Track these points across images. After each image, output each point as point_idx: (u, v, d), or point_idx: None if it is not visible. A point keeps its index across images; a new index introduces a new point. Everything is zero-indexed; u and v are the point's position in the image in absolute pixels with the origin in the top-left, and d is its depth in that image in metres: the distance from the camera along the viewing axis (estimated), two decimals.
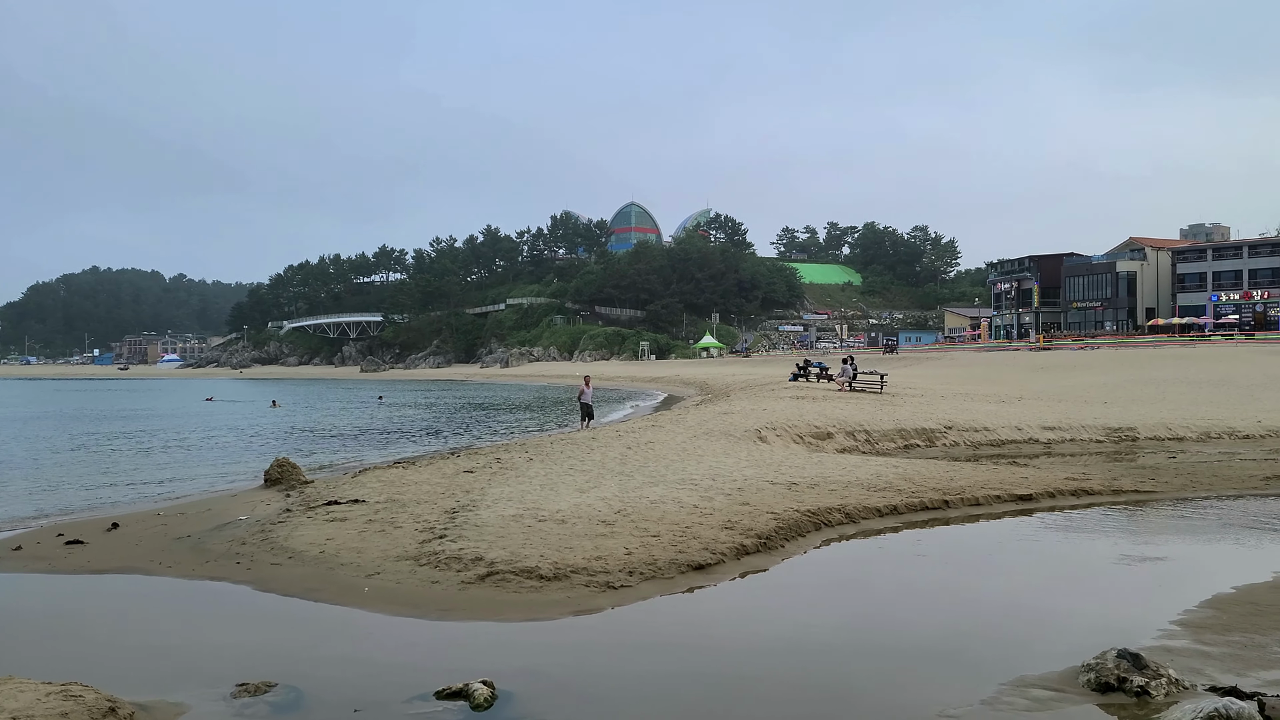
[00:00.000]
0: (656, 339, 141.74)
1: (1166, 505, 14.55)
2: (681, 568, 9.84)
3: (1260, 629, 7.68)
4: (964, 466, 17.88)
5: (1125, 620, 8.26)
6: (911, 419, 24.44)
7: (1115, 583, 10.19)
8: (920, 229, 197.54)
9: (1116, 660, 6.33)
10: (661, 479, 14.78)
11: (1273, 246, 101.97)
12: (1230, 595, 8.84)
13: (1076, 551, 11.86)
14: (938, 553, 11.74)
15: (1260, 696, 5.78)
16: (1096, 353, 73.64)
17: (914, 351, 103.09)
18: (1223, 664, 6.81)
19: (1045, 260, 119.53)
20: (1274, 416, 25.74)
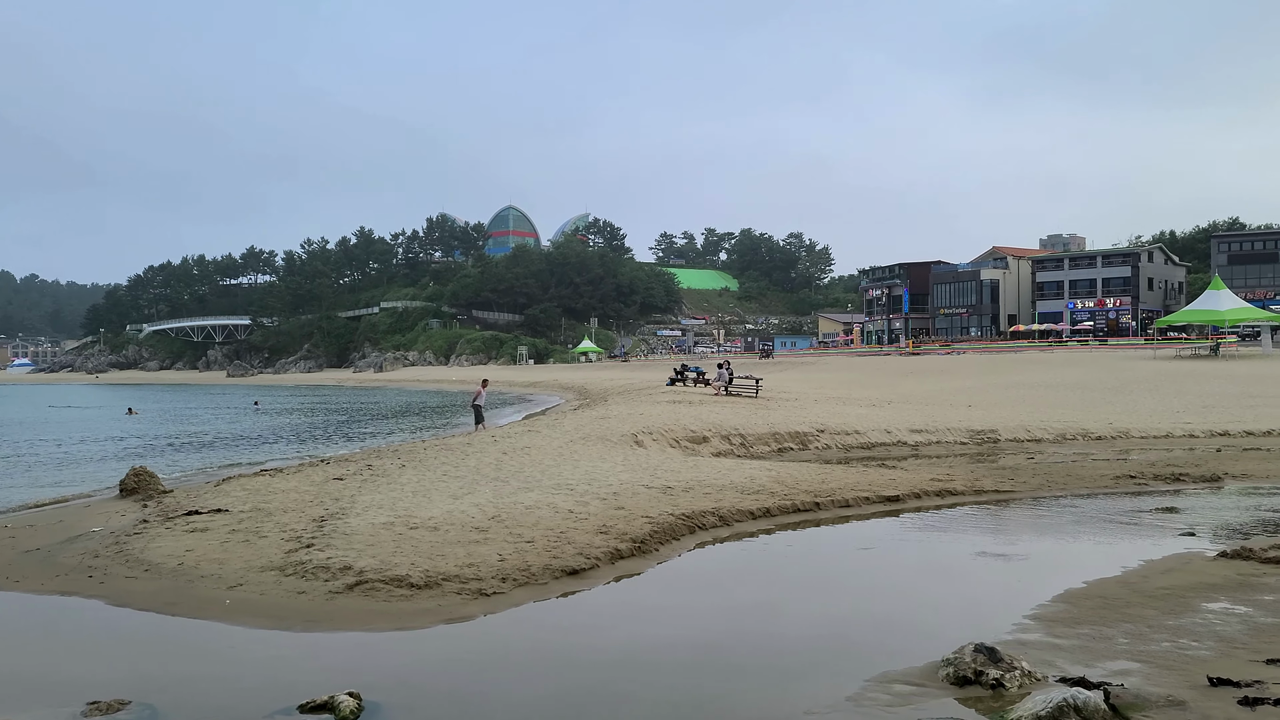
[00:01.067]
0: (535, 343, 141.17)
1: (1025, 504, 15.16)
2: (555, 573, 9.79)
3: (1107, 622, 8.05)
4: (835, 469, 18.30)
5: (984, 615, 8.56)
6: (785, 422, 24.90)
7: (976, 579, 10.57)
8: (795, 236, 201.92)
9: (974, 654, 6.55)
10: (537, 484, 14.70)
11: (1123, 256, 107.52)
12: (1081, 590, 9.24)
13: (940, 550, 12.26)
14: (809, 554, 12.00)
15: (1106, 686, 6.05)
16: (962, 358, 76.41)
17: (789, 356, 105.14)
18: (1073, 655, 7.11)
19: (914, 268, 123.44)
20: (1124, 419, 27.11)
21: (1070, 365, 55.15)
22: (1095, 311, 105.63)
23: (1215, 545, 11.44)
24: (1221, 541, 11.76)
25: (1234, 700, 5.89)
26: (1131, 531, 12.97)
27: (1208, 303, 67.98)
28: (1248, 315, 68.52)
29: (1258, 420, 26.45)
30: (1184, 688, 6.20)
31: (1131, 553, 11.13)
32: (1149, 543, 11.90)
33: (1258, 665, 6.65)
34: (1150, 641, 7.43)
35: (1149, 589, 9.16)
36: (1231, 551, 10.69)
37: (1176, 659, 6.92)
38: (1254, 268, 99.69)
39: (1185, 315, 71.73)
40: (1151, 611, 8.33)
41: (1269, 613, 8.22)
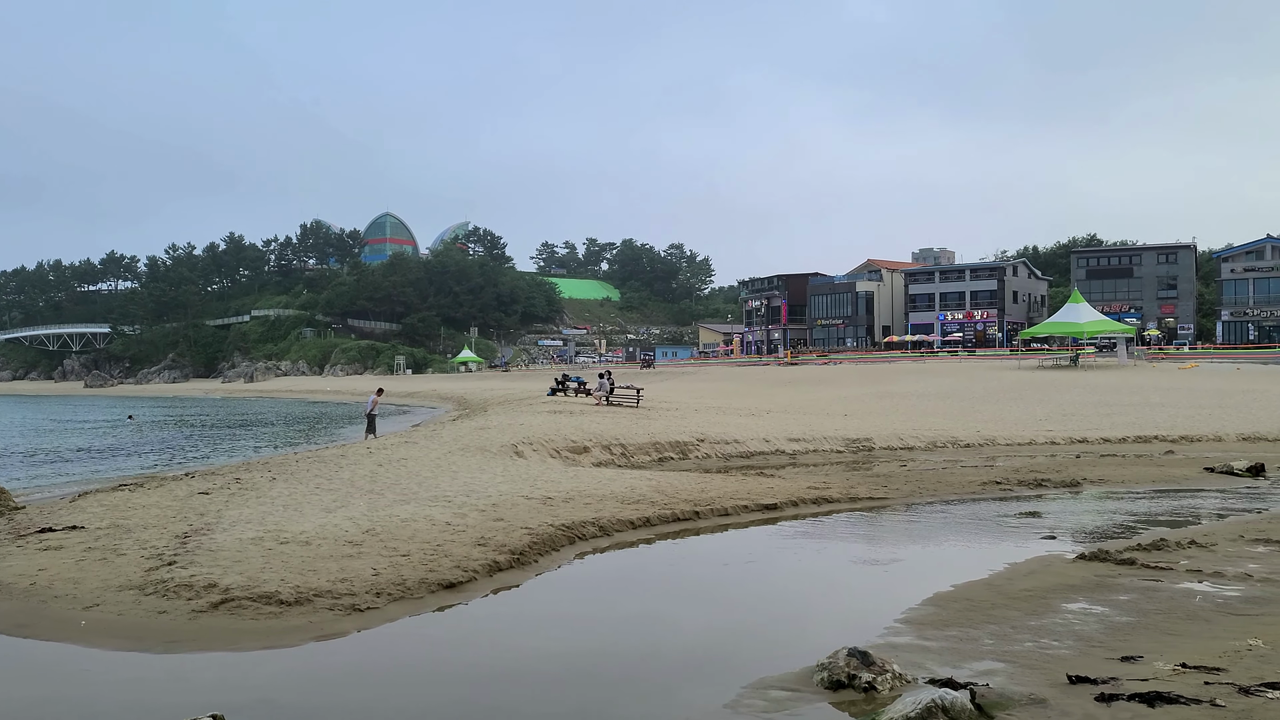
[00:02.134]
0: (413, 353, 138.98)
1: (897, 510, 15.56)
2: (432, 587, 9.61)
3: (974, 623, 8.29)
4: (715, 478, 18.47)
5: (858, 620, 8.73)
6: (666, 432, 25.05)
7: (851, 584, 10.79)
8: (677, 247, 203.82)
9: (847, 658, 6.67)
10: (414, 496, 14.43)
11: (990, 270, 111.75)
12: (949, 593, 9.51)
13: (817, 557, 12.49)
14: (689, 563, 12.06)
15: (972, 686, 6.23)
16: (839, 368, 78.20)
17: (670, 366, 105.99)
18: (941, 657, 7.30)
19: (793, 279, 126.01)
20: (991, 427, 28.13)
21: (941, 375, 57.00)
22: (964, 323, 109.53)
23: (1074, 548, 11.93)
24: (1080, 544, 12.27)
25: (1091, 697, 6.12)
26: (997, 535, 13.43)
27: (1068, 315, 71.16)
28: (1105, 327, 71.96)
29: (1114, 427, 27.75)
30: (1045, 686, 6.42)
31: (997, 556, 11.51)
32: (1013, 546, 12.33)
33: (1113, 663, 6.93)
34: (1014, 642, 7.68)
35: (1013, 591, 9.48)
36: (1089, 554, 11.16)
37: (1038, 658, 7.17)
38: (1110, 282, 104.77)
39: (1047, 327, 74.94)
40: (1015, 613, 8.62)
41: (1123, 612, 8.60)
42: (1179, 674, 6.52)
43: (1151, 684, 6.26)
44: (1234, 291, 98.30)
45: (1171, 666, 6.69)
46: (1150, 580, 9.82)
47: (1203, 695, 5.99)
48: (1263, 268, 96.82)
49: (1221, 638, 7.52)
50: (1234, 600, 8.97)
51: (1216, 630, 7.84)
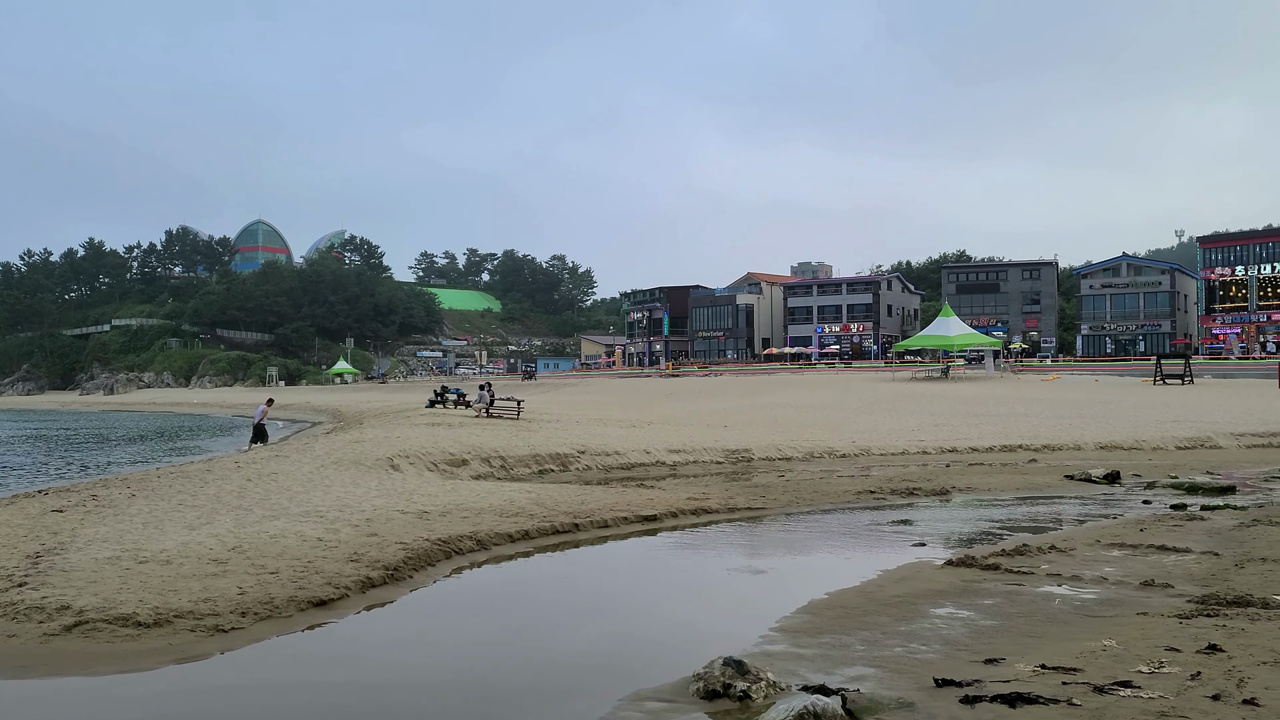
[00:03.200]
0: (286, 364, 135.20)
1: (775, 520, 15.77)
2: (301, 605, 9.31)
3: (847, 630, 8.44)
4: (595, 489, 18.44)
5: (735, 629, 8.78)
6: (547, 444, 24.90)
7: (728, 594, 10.87)
8: (559, 258, 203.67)
9: (723, 668, 6.70)
10: (284, 512, 13.99)
11: (866, 284, 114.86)
12: (823, 601, 9.66)
13: (695, 567, 12.56)
14: (567, 575, 11.98)
15: (843, 691, 6.32)
16: (720, 379, 79.18)
17: (552, 378, 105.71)
18: (814, 664, 7.40)
19: (674, 291, 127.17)
20: (866, 437, 28.80)
21: (819, 387, 58.24)
22: (841, 336, 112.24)
23: (943, 554, 12.26)
24: (948, 551, 12.63)
25: (956, 699, 6.28)
26: (870, 543, 13.74)
27: (939, 329, 73.61)
28: (973, 340, 74.64)
29: (981, 437, 28.74)
30: (913, 690, 6.56)
31: (870, 563, 11.75)
32: (885, 554, 12.63)
33: (978, 665, 7.13)
34: (884, 647, 7.83)
35: (884, 597, 9.69)
36: (956, 559, 11.49)
37: (907, 662, 7.33)
38: (979, 297, 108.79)
39: (920, 340, 77.35)
40: (886, 618, 8.80)
41: (988, 615, 8.87)
42: (1039, 675, 6.75)
43: (1013, 685, 6.46)
44: (1092, 307, 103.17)
45: (1032, 668, 6.91)
46: (1013, 584, 10.16)
47: (1060, 695, 6.21)
48: (1119, 284, 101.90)
49: (1078, 639, 7.81)
50: (1090, 603, 9.34)
51: (1074, 632, 8.14)
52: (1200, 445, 27.83)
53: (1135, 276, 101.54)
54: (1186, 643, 7.43)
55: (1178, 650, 7.22)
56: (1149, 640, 7.59)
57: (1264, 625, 7.99)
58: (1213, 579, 10.26)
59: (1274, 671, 6.56)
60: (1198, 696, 6.10)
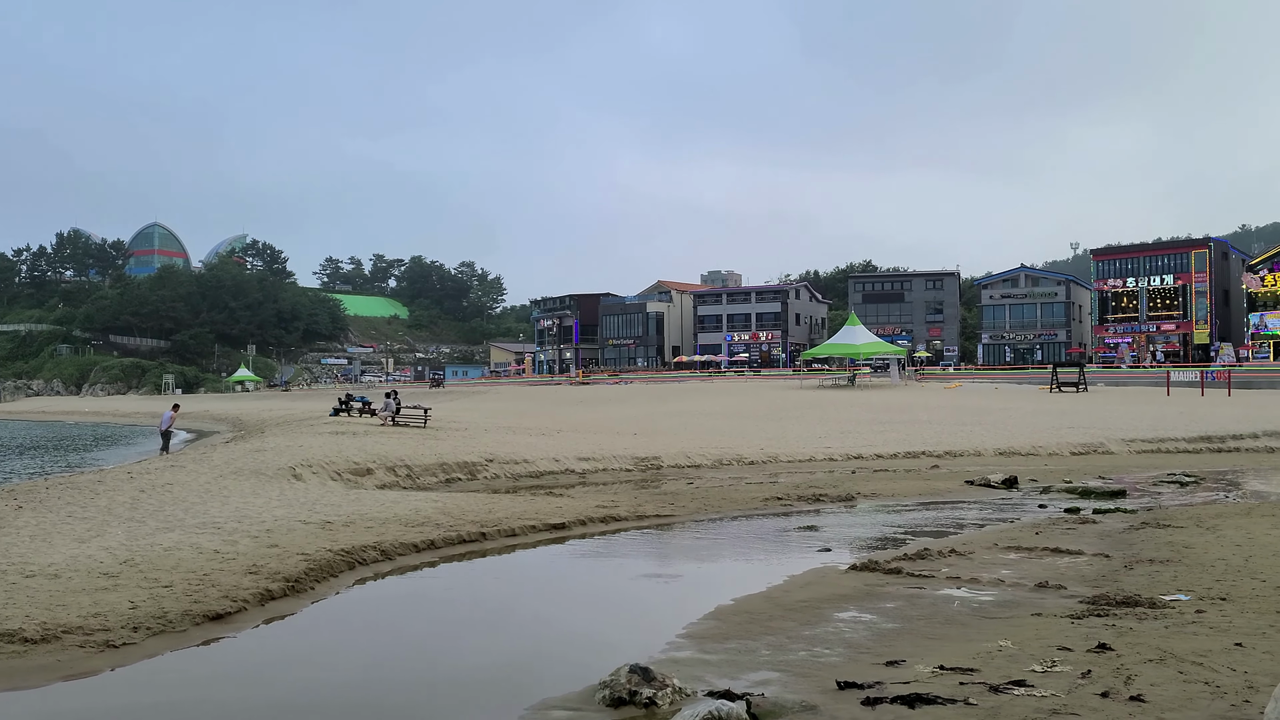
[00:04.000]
0: (184, 372, 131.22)
1: (684, 527, 15.83)
2: (196, 619, 9.03)
3: (753, 635, 8.50)
4: (503, 498, 18.29)
5: (642, 636, 8.79)
6: (454, 452, 24.64)
7: (636, 601, 10.87)
8: (468, 264, 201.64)
9: (629, 675, 6.69)
10: (179, 524, 13.57)
11: (774, 293, 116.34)
12: (730, 606, 9.72)
13: (603, 575, 12.54)
14: (474, 585, 11.85)
15: (748, 696, 6.37)
16: (630, 387, 79.34)
17: (460, 386, 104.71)
18: (720, 670, 7.43)
19: (585, 299, 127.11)
20: (774, 444, 29.10)
21: (728, 394, 58.72)
22: (750, 344, 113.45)
23: (848, 559, 12.45)
24: (853, 555, 12.83)
25: (858, 701, 6.37)
26: (777, 549, 13.88)
27: (846, 337, 74.84)
28: (879, 349, 76.07)
29: (886, 444, 29.28)
30: (816, 693, 6.63)
31: (777, 569, 11.87)
32: (792, 559, 12.77)
33: (879, 667, 7.25)
34: (789, 651, 7.91)
35: (789, 602, 9.79)
36: (860, 564, 11.67)
37: (811, 666, 7.41)
38: (884, 306, 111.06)
39: (827, 349, 78.55)
40: (791, 623, 8.89)
41: (890, 619, 9.02)
42: (937, 675, 6.88)
43: (913, 686, 6.57)
44: (992, 316, 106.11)
45: (931, 669, 7.05)
46: (915, 588, 10.36)
47: (958, 695, 6.34)
48: (1017, 294, 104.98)
49: (976, 640, 7.99)
50: (988, 604, 9.57)
51: (972, 633, 8.33)
52: (1093, 451, 28.78)
53: (1033, 287, 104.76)
54: (1078, 642, 7.66)
55: (1069, 649, 7.43)
56: (1043, 640, 7.81)
57: (1150, 624, 8.28)
58: (1103, 580, 10.60)
59: (1160, 669, 6.80)
60: (1088, 694, 6.29)
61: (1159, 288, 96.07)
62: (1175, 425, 33.24)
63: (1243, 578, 10.29)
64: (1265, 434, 30.92)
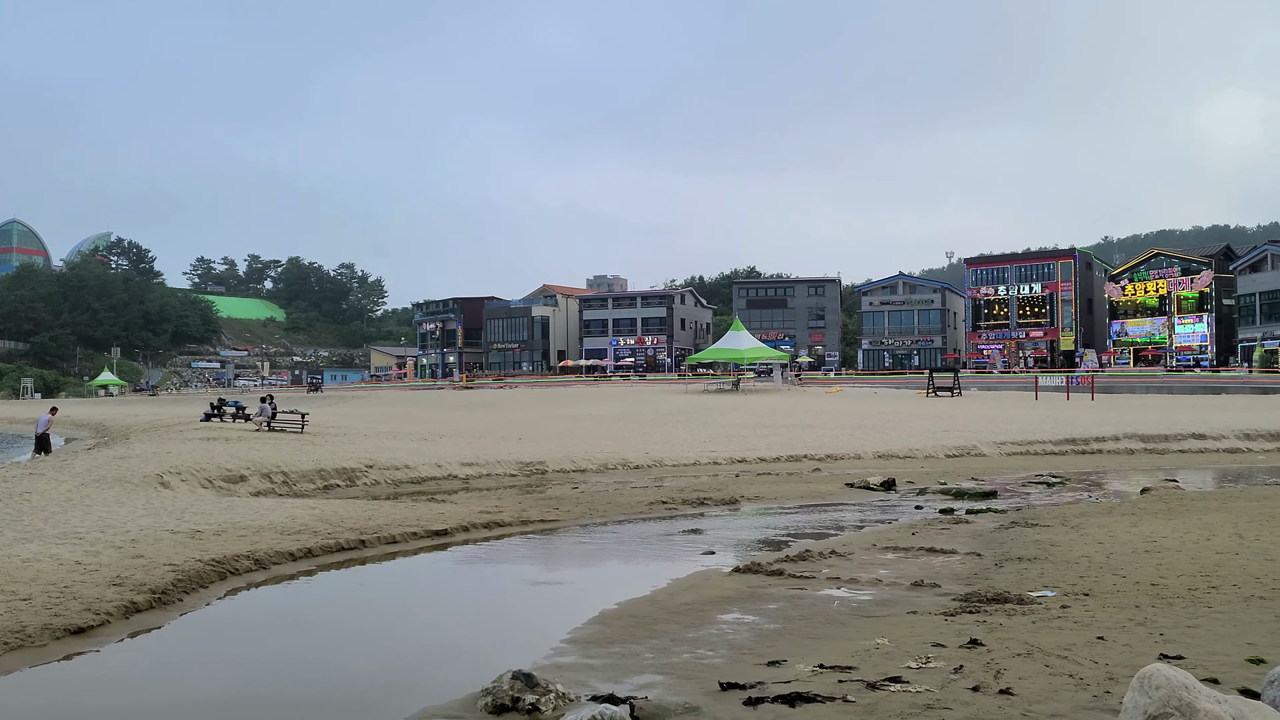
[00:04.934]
0: (43, 375, 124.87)
1: (569, 532, 15.76)
2: (57, 633, 8.59)
3: (637, 639, 8.50)
4: (383, 505, 17.93)
5: (526, 642, 8.69)
6: (332, 459, 24.05)
7: (520, 607, 10.77)
8: (347, 266, 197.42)
9: (511, 681, 6.60)
10: (38, 534, 12.89)
11: (660, 298, 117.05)
12: (615, 610, 9.70)
13: (486, 581, 12.39)
14: (352, 594, 11.57)
15: (632, 700, 6.36)
16: (515, 391, 78.85)
17: (340, 390, 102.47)
18: (604, 674, 7.40)
19: (469, 303, 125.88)
20: (659, 449, 29.24)
21: (613, 399, 58.86)
22: (636, 348, 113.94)
23: (731, 562, 12.57)
24: (736, 558, 12.96)
25: (740, 701, 6.41)
26: (662, 553, 13.93)
27: (730, 342, 75.86)
28: (763, 354, 77.35)
29: (769, 448, 29.72)
30: (699, 694, 6.66)
31: (661, 573, 11.90)
32: (676, 563, 12.83)
33: (761, 668, 7.32)
34: (673, 654, 7.93)
35: (674, 605, 9.83)
36: (743, 566, 11.80)
37: (694, 668, 7.44)
38: (768, 312, 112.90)
39: (712, 354, 79.49)
40: (675, 626, 8.92)
41: (772, 619, 9.13)
42: (817, 674, 6.99)
43: (793, 685, 6.65)
44: (872, 322, 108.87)
45: (811, 668, 7.15)
46: (796, 589, 10.51)
47: (836, 693, 6.44)
48: (896, 301, 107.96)
49: (855, 639, 8.15)
50: (866, 604, 9.78)
51: (851, 632, 8.49)
52: (967, 454, 29.74)
53: (910, 294, 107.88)
54: (951, 638, 7.87)
55: (943, 646, 7.63)
56: (918, 637, 8.00)
57: (1018, 620, 8.57)
58: (975, 578, 10.95)
59: (1027, 663, 7.03)
60: (959, 688, 6.46)
61: (1028, 296, 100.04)
62: (1043, 429, 34.59)
63: (1104, 574, 10.75)
64: (1125, 436, 32.42)
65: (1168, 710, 4.19)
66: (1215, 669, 6.67)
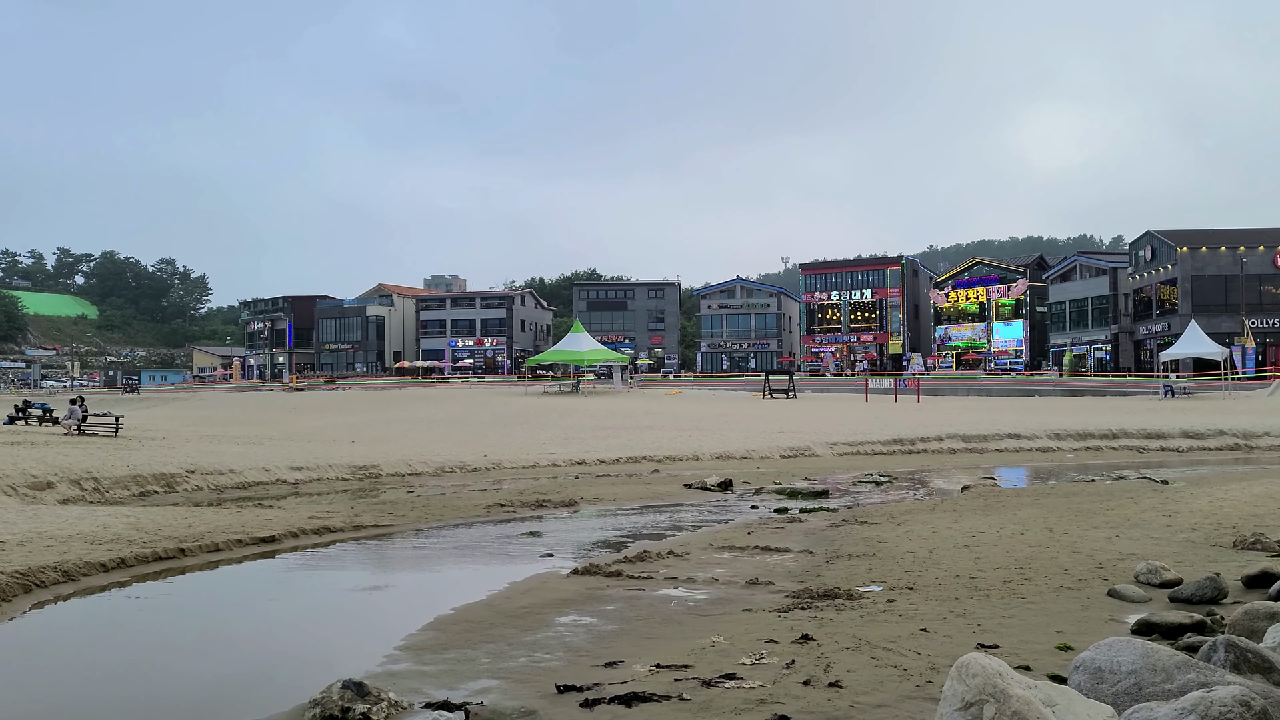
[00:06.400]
0: None
1: (404, 537, 15.39)
2: None
3: (473, 644, 8.36)
4: (206, 511, 17.12)
5: (358, 650, 8.43)
6: (150, 464, 22.82)
7: (351, 615, 10.43)
8: (168, 262, 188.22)
9: (341, 691, 6.37)
10: None
11: (500, 299, 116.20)
12: (450, 616, 9.52)
13: (316, 589, 11.96)
14: (171, 606, 10.97)
15: (467, 705, 6.25)
16: (348, 393, 76.74)
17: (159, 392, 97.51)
18: (439, 680, 7.24)
19: (299, 301, 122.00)
20: (498, 451, 28.91)
21: (452, 401, 58.01)
22: (475, 350, 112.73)
23: (570, 564, 12.52)
24: (575, 560, 12.92)
25: (577, 704, 6.38)
26: (500, 556, 13.75)
27: (570, 344, 75.90)
28: (603, 356, 77.69)
29: (609, 449, 29.81)
30: (536, 697, 6.59)
31: (498, 576, 11.75)
32: (514, 566, 12.69)
33: (598, 669, 7.30)
34: (509, 658, 7.83)
35: (511, 609, 9.72)
36: (582, 568, 11.78)
37: (531, 671, 7.36)
38: (608, 314, 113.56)
39: (552, 355, 79.33)
40: (512, 630, 8.81)
41: (610, 620, 9.13)
42: (654, 674, 7.02)
43: (630, 685, 6.66)
44: (711, 326, 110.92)
45: (648, 668, 7.18)
46: (634, 589, 10.55)
47: (672, 691, 6.48)
48: (733, 305, 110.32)
49: (691, 637, 8.23)
50: (703, 603, 9.89)
51: (687, 631, 8.57)
52: (801, 454, 30.57)
53: (748, 299, 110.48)
54: (783, 634, 8.04)
55: (776, 642, 7.79)
56: (752, 634, 8.14)
57: (848, 614, 8.84)
58: (808, 575, 11.24)
59: (855, 656, 7.25)
60: (791, 683, 6.60)
61: (859, 301, 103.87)
62: (873, 430, 35.89)
63: (928, 568, 11.21)
64: (948, 436, 33.97)
65: (983, 697, 4.37)
66: (1027, 656, 7.03)
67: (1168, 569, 9.99)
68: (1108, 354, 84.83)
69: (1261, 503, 15.66)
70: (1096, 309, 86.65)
